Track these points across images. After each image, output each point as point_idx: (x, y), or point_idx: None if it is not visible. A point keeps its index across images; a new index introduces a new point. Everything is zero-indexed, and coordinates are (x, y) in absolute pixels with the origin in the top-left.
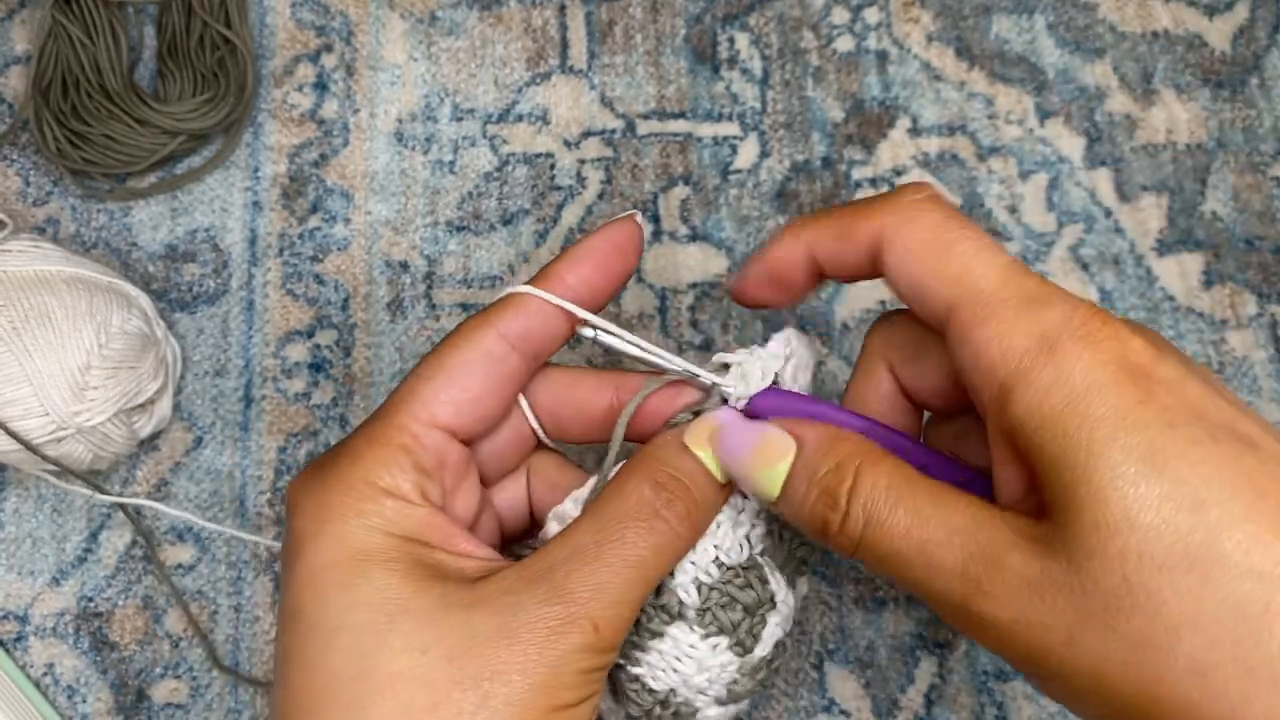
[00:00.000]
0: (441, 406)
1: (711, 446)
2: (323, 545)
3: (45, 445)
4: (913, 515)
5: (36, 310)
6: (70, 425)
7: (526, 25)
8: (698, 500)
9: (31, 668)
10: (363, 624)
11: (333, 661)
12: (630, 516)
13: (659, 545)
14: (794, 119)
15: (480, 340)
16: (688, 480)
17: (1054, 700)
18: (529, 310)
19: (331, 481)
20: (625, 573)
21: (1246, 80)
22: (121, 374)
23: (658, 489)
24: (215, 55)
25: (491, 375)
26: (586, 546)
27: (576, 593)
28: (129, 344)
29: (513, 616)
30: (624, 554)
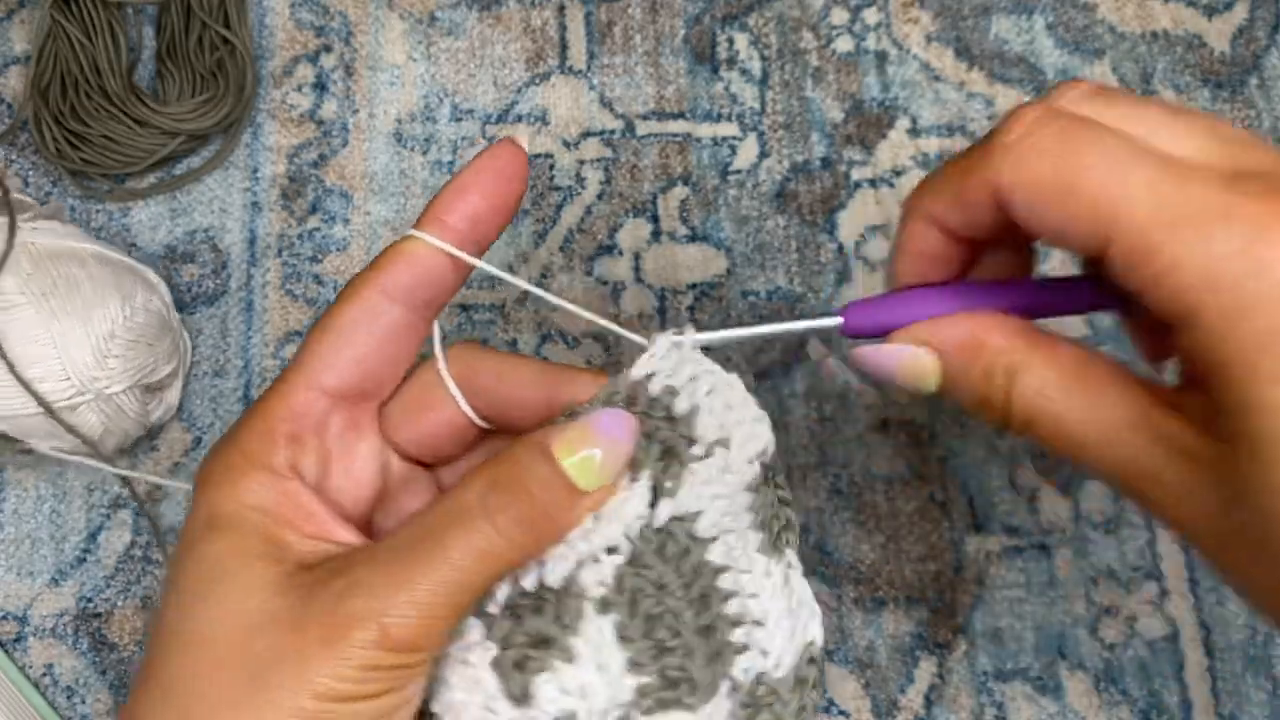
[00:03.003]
0: (325, 370)
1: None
2: (194, 507)
3: (62, 410)
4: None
5: (65, 279)
6: (89, 390)
7: (526, 25)
8: (541, 505)
9: (31, 668)
10: (189, 584)
11: (164, 614)
12: (455, 515)
13: (482, 549)
14: (793, 119)
15: (361, 297)
16: (533, 482)
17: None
18: (415, 259)
19: (220, 449)
20: (433, 574)
21: (1246, 80)
22: (141, 348)
23: (494, 487)
24: (214, 56)
25: (374, 332)
26: (403, 543)
27: (374, 591)
28: (150, 321)
29: (306, 604)
30: (437, 555)
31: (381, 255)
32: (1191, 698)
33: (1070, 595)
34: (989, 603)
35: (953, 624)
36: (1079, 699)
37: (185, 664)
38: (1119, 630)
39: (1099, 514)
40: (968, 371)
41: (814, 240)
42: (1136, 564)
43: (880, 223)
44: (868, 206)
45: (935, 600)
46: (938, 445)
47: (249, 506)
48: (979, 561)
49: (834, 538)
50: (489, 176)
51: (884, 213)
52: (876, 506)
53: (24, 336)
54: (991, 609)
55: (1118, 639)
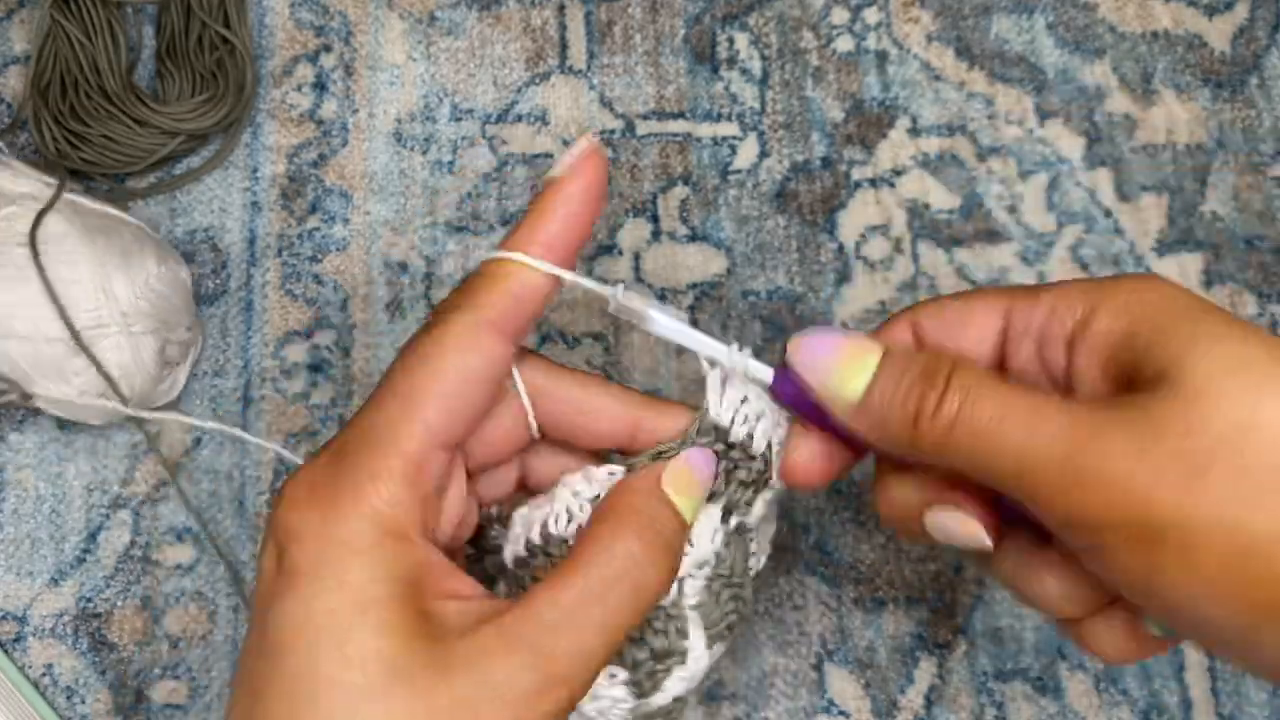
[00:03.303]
0: (442, 426)
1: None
2: (323, 587)
3: (87, 334)
4: (1010, 390)
5: (108, 229)
6: (114, 322)
7: (526, 25)
8: (675, 551)
9: (30, 668)
10: (355, 684)
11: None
12: (618, 580)
13: (641, 604)
14: (793, 119)
15: (476, 343)
16: (667, 532)
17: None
18: (512, 285)
19: (334, 514)
20: (607, 637)
21: (1246, 80)
22: (169, 303)
23: (645, 547)
24: (214, 55)
25: (485, 374)
26: (573, 610)
27: (558, 660)
28: (178, 286)
29: (491, 678)
30: (609, 620)
31: (478, 284)
32: (1191, 698)
33: None
34: (989, 603)
35: (953, 624)
36: (1079, 699)
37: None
38: None
39: None
40: (909, 362)
41: (814, 240)
42: None
43: (880, 223)
44: (868, 206)
45: (935, 600)
46: None
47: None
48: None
49: (834, 538)
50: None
51: (884, 213)
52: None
53: (65, 260)
54: (991, 609)
55: None
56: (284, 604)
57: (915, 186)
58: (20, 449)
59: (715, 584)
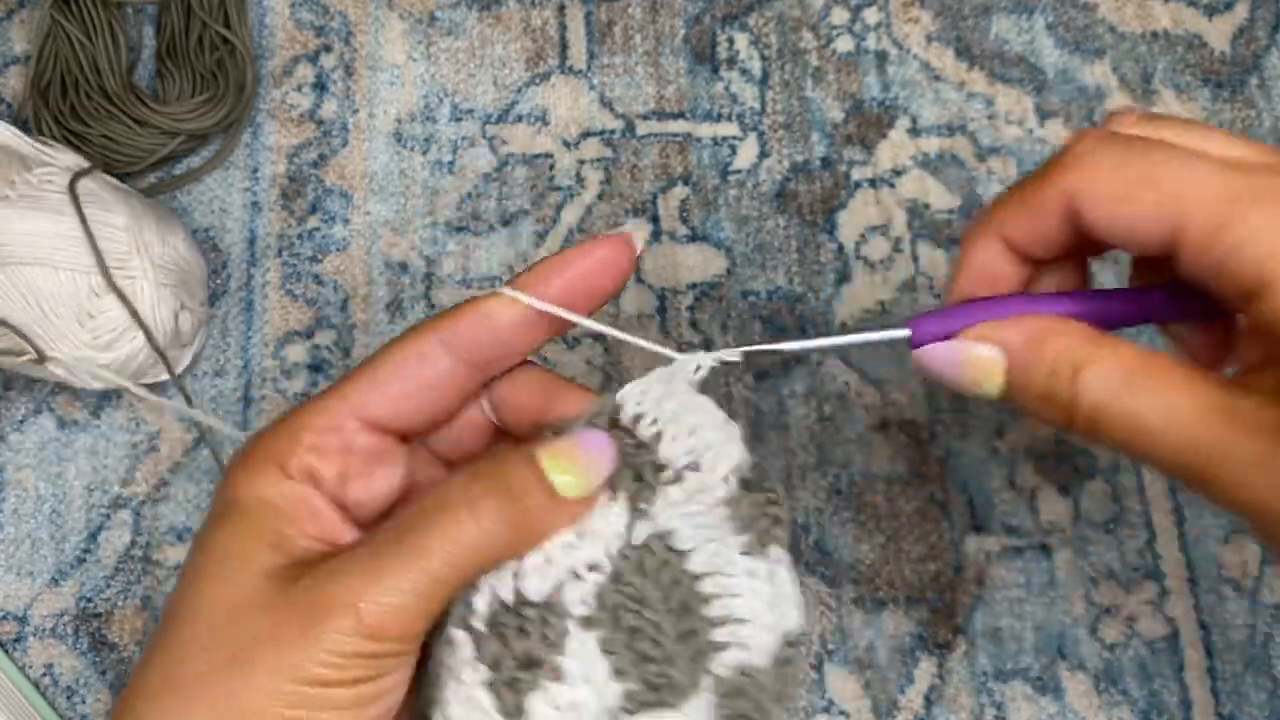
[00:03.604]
0: (362, 398)
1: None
2: (216, 496)
3: (115, 274)
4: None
5: (141, 199)
6: (143, 272)
7: (526, 25)
8: (521, 504)
9: (30, 668)
10: (196, 565)
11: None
12: (435, 507)
13: (459, 543)
14: (793, 119)
15: (418, 340)
16: (517, 484)
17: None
18: (486, 316)
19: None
20: (407, 564)
21: (1246, 80)
22: (191, 272)
23: (474, 479)
24: (214, 55)
25: (420, 376)
26: (384, 536)
27: (349, 578)
28: (199, 263)
29: (286, 592)
30: (414, 546)
31: (458, 306)
32: (1191, 698)
33: (1070, 595)
34: (989, 603)
35: (953, 624)
36: (1079, 699)
37: (179, 638)
38: (1119, 630)
39: (1099, 514)
40: (1032, 369)
41: (814, 240)
42: (1136, 564)
43: (880, 223)
44: (868, 206)
45: (935, 600)
46: (938, 445)
47: (260, 498)
48: (979, 561)
49: (834, 538)
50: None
51: (884, 213)
52: (876, 506)
53: (103, 207)
54: (991, 609)
55: (1118, 639)
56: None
57: (915, 186)
58: (20, 449)
59: (615, 604)
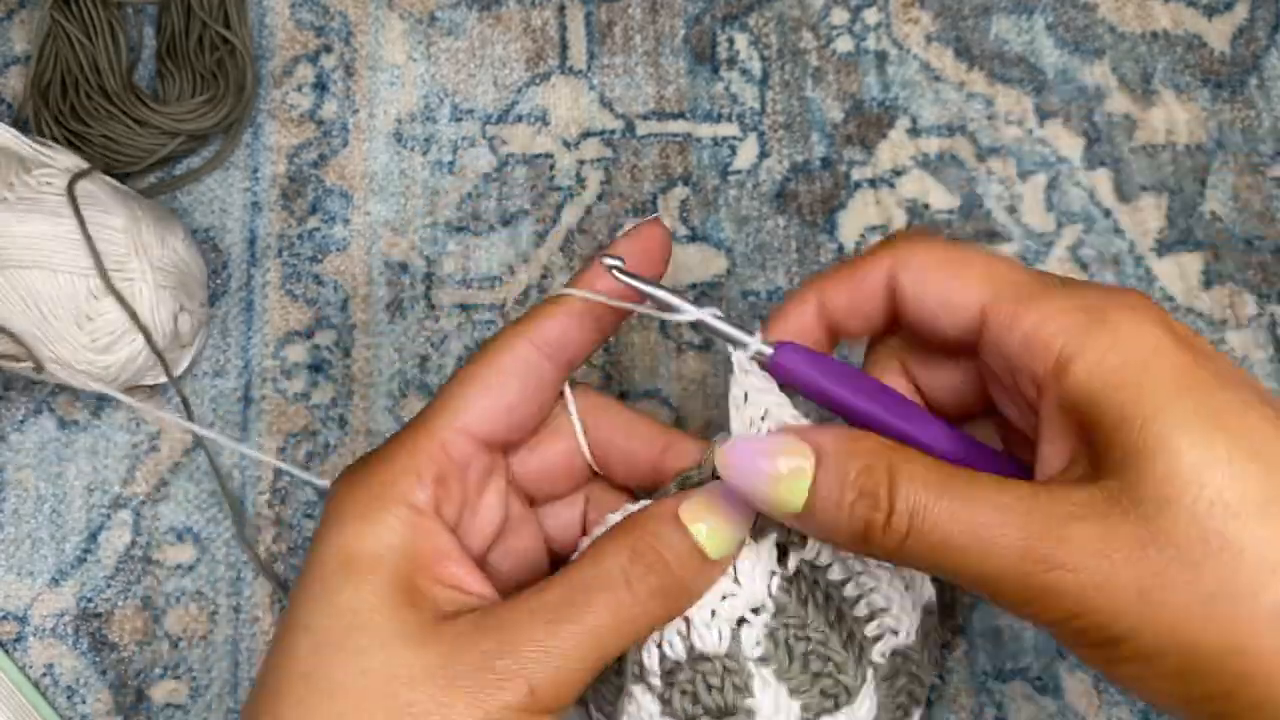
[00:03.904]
0: (472, 413)
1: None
2: (327, 542)
3: (113, 276)
4: (961, 501)
5: (140, 200)
6: (141, 274)
7: (526, 26)
8: (677, 576)
9: (31, 668)
10: (325, 629)
11: (291, 657)
12: (598, 584)
13: (622, 617)
14: (793, 119)
15: (514, 348)
16: (669, 554)
17: (1125, 685)
18: (562, 316)
19: (359, 481)
20: (577, 639)
21: (1246, 80)
22: (190, 273)
23: (635, 558)
24: (214, 56)
25: (525, 382)
26: (548, 607)
27: (522, 652)
28: (198, 265)
29: (454, 661)
30: (581, 621)
31: (532, 310)
32: None
33: None
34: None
35: (953, 624)
36: (1079, 699)
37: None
38: None
39: None
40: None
41: (814, 240)
42: None
43: (880, 223)
44: (868, 206)
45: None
46: None
47: (390, 546)
48: None
49: None
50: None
51: (884, 213)
52: None
53: (101, 209)
54: (991, 609)
55: None
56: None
57: (915, 187)
58: (20, 449)
59: (784, 635)
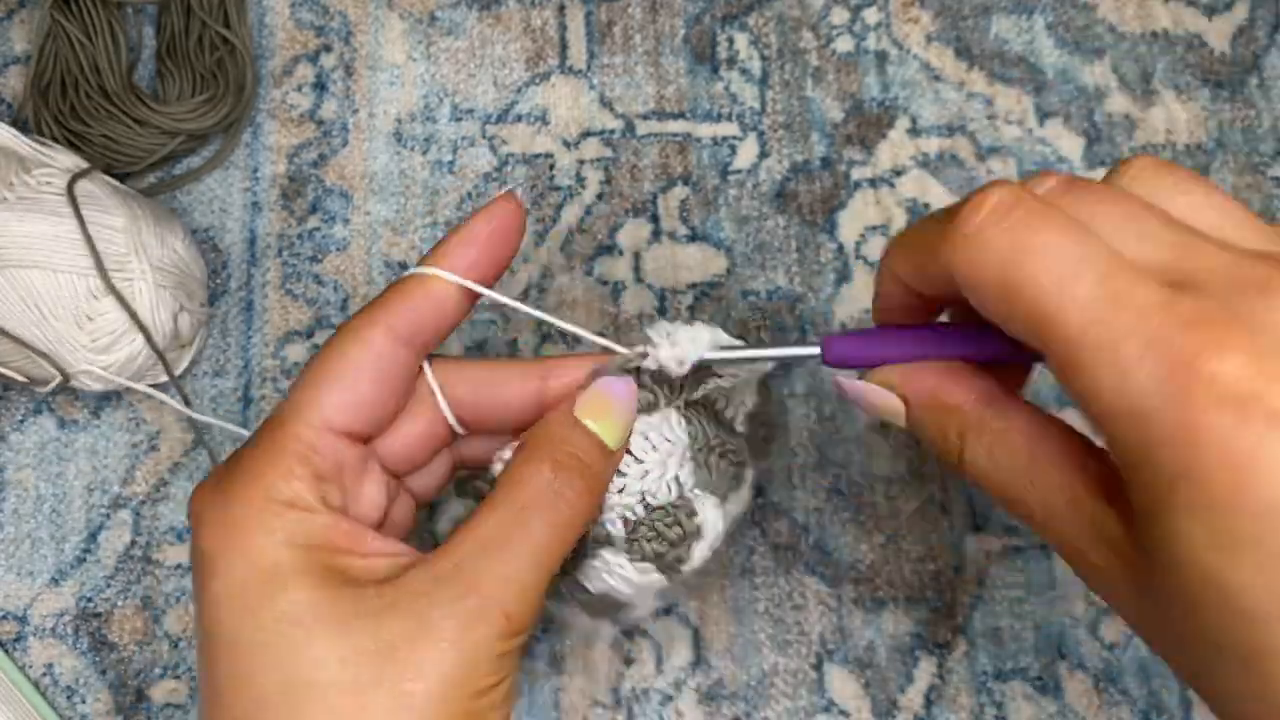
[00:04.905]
0: (334, 411)
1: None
2: (232, 563)
3: (114, 276)
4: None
5: (140, 200)
6: (141, 274)
7: (526, 25)
8: (595, 473)
9: (30, 668)
10: (282, 639)
11: (259, 678)
12: (533, 503)
13: (562, 525)
14: (793, 119)
15: (369, 339)
16: (584, 455)
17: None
18: (419, 298)
19: (233, 497)
20: (531, 559)
21: (1246, 80)
22: (190, 273)
23: (557, 469)
24: (214, 55)
25: (382, 375)
26: (492, 538)
27: (485, 586)
28: (198, 265)
29: (425, 616)
30: (529, 542)
31: (388, 293)
32: (1192, 698)
33: (1070, 595)
34: (989, 603)
35: (953, 624)
36: (1079, 699)
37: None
38: (1119, 630)
39: None
40: (928, 425)
41: (814, 240)
42: None
43: (880, 223)
44: (868, 206)
45: (935, 600)
46: None
47: (300, 547)
48: (979, 561)
49: (834, 538)
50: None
51: (884, 213)
52: (876, 506)
53: (101, 209)
54: (991, 609)
55: (1118, 639)
56: (205, 590)
57: (915, 186)
58: (20, 449)
59: (705, 459)
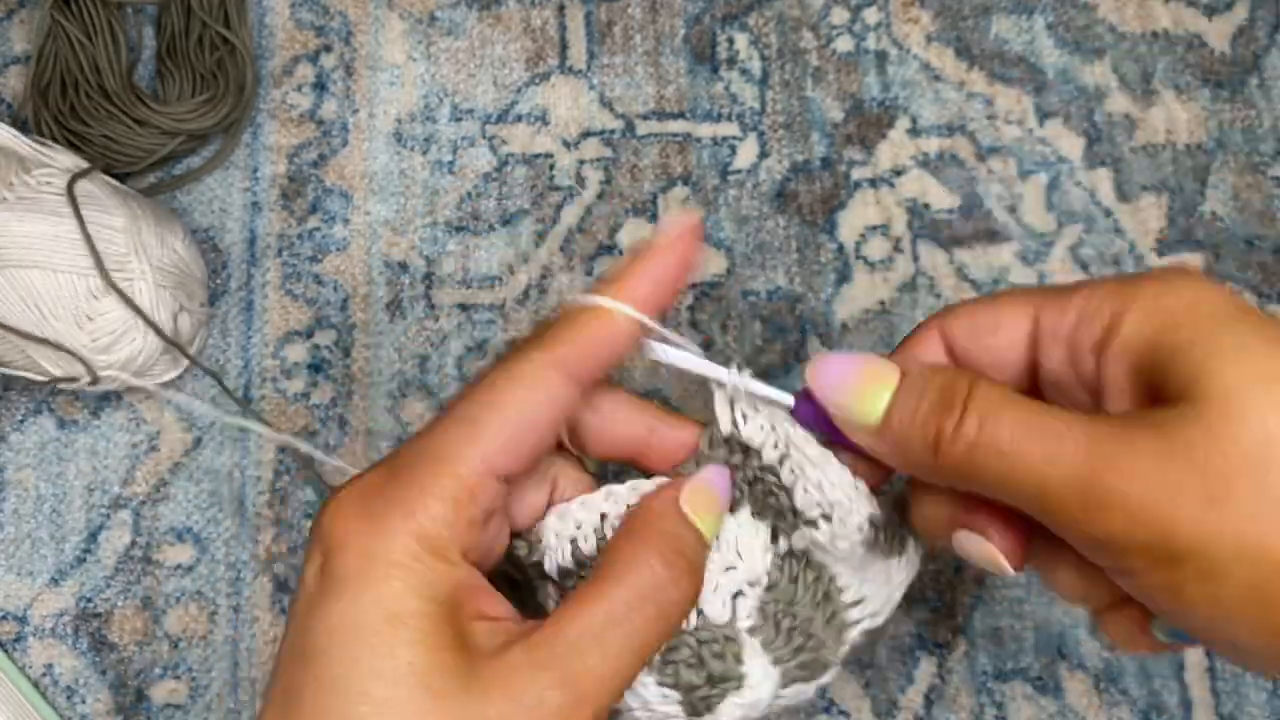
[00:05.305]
0: (499, 455)
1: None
2: (362, 597)
3: (113, 274)
4: (1027, 410)
5: (140, 200)
6: (141, 274)
7: (526, 25)
8: (698, 569)
9: (30, 668)
10: (387, 698)
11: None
12: (640, 600)
13: (663, 622)
14: (793, 119)
15: (545, 381)
16: (689, 551)
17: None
18: (597, 334)
19: (379, 528)
20: (632, 656)
21: (1246, 80)
22: (190, 274)
23: (667, 566)
24: (214, 55)
25: (555, 420)
26: (598, 630)
27: (584, 681)
28: (198, 265)
29: (518, 700)
30: (634, 640)
31: (563, 325)
32: (1191, 698)
33: None
34: (989, 603)
35: (953, 624)
36: (1079, 699)
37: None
38: None
39: None
40: (930, 380)
41: (814, 240)
42: None
43: (880, 223)
44: (868, 206)
45: (935, 600)
46: None
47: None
48: None
49: None
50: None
51: (884, 213)
52: None
53: (101, 209)
54: (991, 609)
55: None
56: (323, 611)
57: (915, 186)
58: (20, 449)
59: (773, 609)
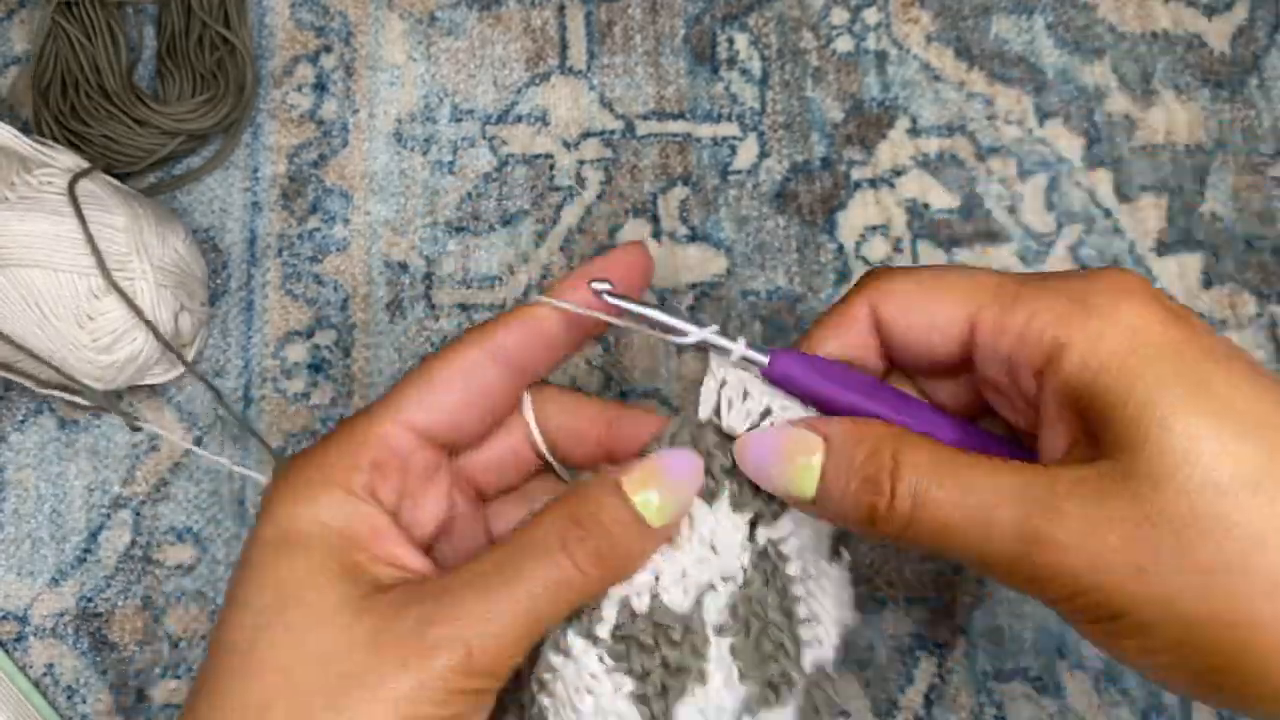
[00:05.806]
0: (415, 408)
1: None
2: (264, 522)
3: (114, 273)
4: (961, 485)
5: (141, 200)
6: (142, 273)
7: (526, 26)
8: (617, 543)
9: (31, 668)
10: (261, 605)
11: (232, 633)
12: (534, 549)
13: (557, 582)
14: (793, 119)
15: (463, 352)
16: (610, 521)
17: (1130, 661)
18: (521, 323)
19: (298, 467)
20: (513, 604)
21: (1246, 80)
22: (191, 273)
23: (573, 524)
24: (214, 56)
25: (469, 385)
26: (484, 573)
27: (458, 617)
28: (199, 265)
29: (389, 628)
30: (517, 585)
31: (498, 317)
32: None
33: None
34: (989, 603)
35: (952, 624)
36: (1079, 699)
37: (259, 689)
38: None
39: None
40: (853, 449)
41: (814, 240)
42: None
43: (880, 223)
44: (868, 206)
45: (935, 600)
46: None
47: (325, 524)
48: None
49: None
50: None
51: (884, 213)
52: None
53: (102, 208)
54: (991, 609)
55: None
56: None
57: (915, 186)
58: (21, 449)
59: (744, 611)
